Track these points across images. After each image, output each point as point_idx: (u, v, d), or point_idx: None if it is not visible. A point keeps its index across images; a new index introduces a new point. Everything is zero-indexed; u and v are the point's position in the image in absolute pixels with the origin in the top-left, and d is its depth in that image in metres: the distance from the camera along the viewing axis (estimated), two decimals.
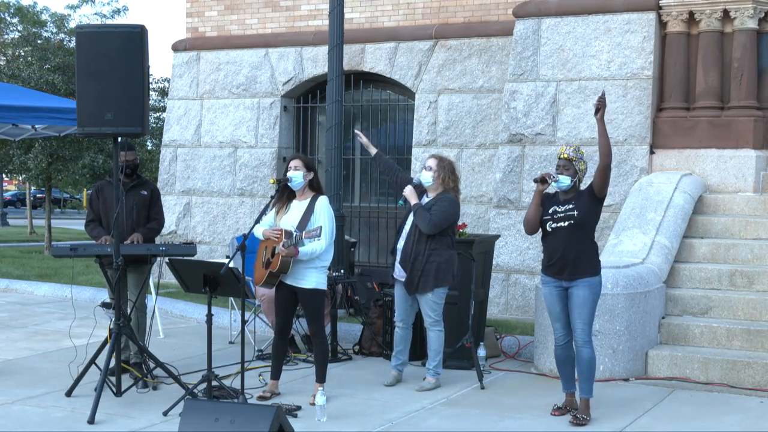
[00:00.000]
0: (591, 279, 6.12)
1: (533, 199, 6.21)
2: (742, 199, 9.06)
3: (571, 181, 6.11)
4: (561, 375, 6.39)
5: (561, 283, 6.16)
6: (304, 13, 12.29)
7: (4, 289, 12.43)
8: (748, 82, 9.46)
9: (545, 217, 6.17)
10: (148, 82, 6.45)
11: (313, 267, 6.43)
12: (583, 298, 6.09)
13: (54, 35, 19.16)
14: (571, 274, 6.09)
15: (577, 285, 6.10)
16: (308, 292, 6.45)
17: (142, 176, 7.45)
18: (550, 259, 6.18)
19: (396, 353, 7.20)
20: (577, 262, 6.08)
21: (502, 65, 10.81)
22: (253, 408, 4.73)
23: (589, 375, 6.16)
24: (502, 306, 9.99)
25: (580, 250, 6.09)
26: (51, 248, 7.96)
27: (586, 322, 6.12)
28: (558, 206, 6.15)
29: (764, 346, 7.33)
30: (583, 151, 6.27)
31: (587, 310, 6.11)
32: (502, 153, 10.21)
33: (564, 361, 6.31)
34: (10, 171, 20.95)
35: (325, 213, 6.43)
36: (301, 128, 12.58)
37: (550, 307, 6.27)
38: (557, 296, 6.20)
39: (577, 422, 6.05)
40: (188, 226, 12.79)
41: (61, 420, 6.05)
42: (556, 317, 6.25)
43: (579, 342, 6.13)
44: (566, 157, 6.12)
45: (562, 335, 6.25)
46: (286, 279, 6.43)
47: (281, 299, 6.55)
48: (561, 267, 6.11)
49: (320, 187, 6.64)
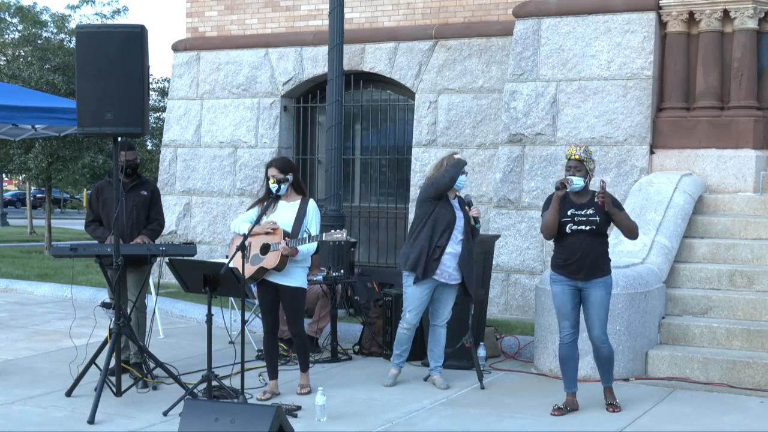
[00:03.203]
0: (606, 278, 6.29)
1: (552, 205, 6.26)
2: (742, 199, 9.06)
3: (584, 181, 6.22)
4: (564, 374, 6.40)
5: (576, 283, 6.26)
6: (304, 13, 12.29)
7: (4, 289, 12.43)
8: (748, 82, 9.46)
9: (564, 219, 6.24)
10: (148, 82, 6.45)
11: (301, 266, 6.56)
12: (600, 298, 6.24)
13: (54, 35, 19.16)
14: (588, 275, 6.22)
15: (594, 285, 6.23)
16: (292, 290, 6.52)
17: (143, 176, 7.44)
18: (567, 260, 6.25)
19: (401, 352, 7.17)
20: (594, 264, 6.22)
21: (502, 65, 10.81)
22: (253, 408, 4.73)
23: (609, 368, 6.43)
24: (502, 306, 9.99)
25: (599, 253, 6.25)
26: (51, 248, 7.96)
27: (604, 321, 6.29)
28: (576, 209, 6.23)
29: (764, 346, 7.33)
30: (592, 150, 6.38)
31: (604, 310, 6.29)
32: (502, 153, 10.21)
33: (568, 360, 6.34)
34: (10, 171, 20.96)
35: (316, 216, 6.60)
36: (301, 128, 12.58)
37: (561, 305, 6.32)
38: (570, 295, 6.28)
39: (614, 409, 6.32)
40: (188, 226, 12.79)
41: (61, 420, 6.05)
42: (566, 316, 6.31)
43: (597, 342, 6.31)
44: (577, 158, 6.21)
45: (569, 333, 6.31)
46: (270, 276, 6.46)
47: (266, 297, 6.61)
48: (578, 268, 6.22)
49: (302, 186, 6.74)
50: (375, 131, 12.18)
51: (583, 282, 6.23)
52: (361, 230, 11.90)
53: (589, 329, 6.29)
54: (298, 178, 6.72)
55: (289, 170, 6.62)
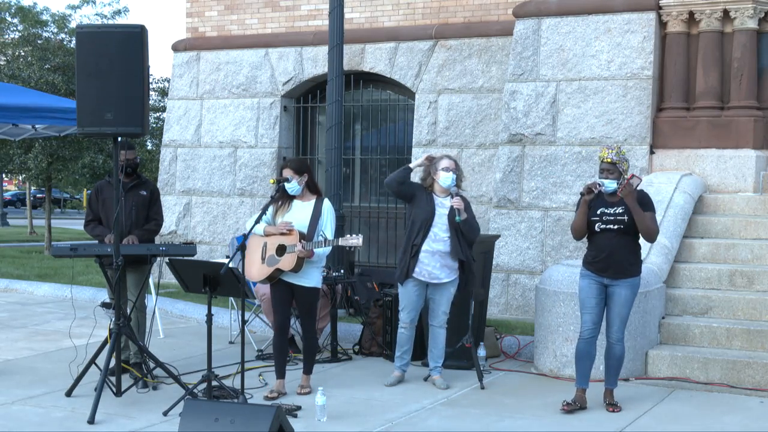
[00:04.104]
0: (633, 279, 6.32)
1: (580, 208, 6.34)
2: (742, 199, 9.06)
3: (618, 183, 6.22)
4: (577, 369, 6.43)
5: (602, 279, 6.31)
6: (304, 13, 12.29)
7: (4, 289, 12.43)
8: (748, 82, 9.46)
9: (593, 218, 6.29)
10: (148, 82, 6.45)
11: (316, 266, 6.59)
12: (624, 297, 6.29)
13: (54, 35, 19.16)
14: (615, 273, 6.27)
15: (620, 284, 6.29)
16: (308, 290, 6.54)
17: (142, 176, 7.44)
18: (595, 257, 6.32)
19: (402, 353, 7.17)
20: (621, 264, 6.26)
21: (502, 65, 10.81)
22: (253, 408, 4.73)
23: (617, 369, 6.49)
24: (502, 306, 9.99)
25: (627, 253, 6.28)
26: (51, 248, 7.96)
27: (624, 321, 6.35)
28: (606, 208, 6.28)
29: (764, 346, 7.32)
30: (624, 151, 6.42)
31: (627, 310, 6.34)
32: (502, 153, 10.21)
33: (584, 355, 6.38)
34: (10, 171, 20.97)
35: (331, 216, 6.61)
36: (301, 128, 12.58)
37: (585, 299, 6.37)
38: (596, 290, 6.33)
39: (614, 409, 6.35)
40: (188, 226, 12.79)
41: (61, 420, 6.05)
42: (589, 310, 6.35)
43: (613, 339, 6.37)
44: (609, 161, 6.24)
45: (589, 329, 6.35)
46: (285, 276, 6.48)
47: (279, 297, 6.60)
48: (605, 266, 6.27)
49: (317, 186, 6.74)
50: (375, 131, 12.18)
51: (610, 280, 6.29)
52: (361, 230, 11.89)
53: (608, 326, 6.36)
54: (314, 177, 6.74)
55: (304, 170, 6.63)
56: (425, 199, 6.96)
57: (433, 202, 6.95)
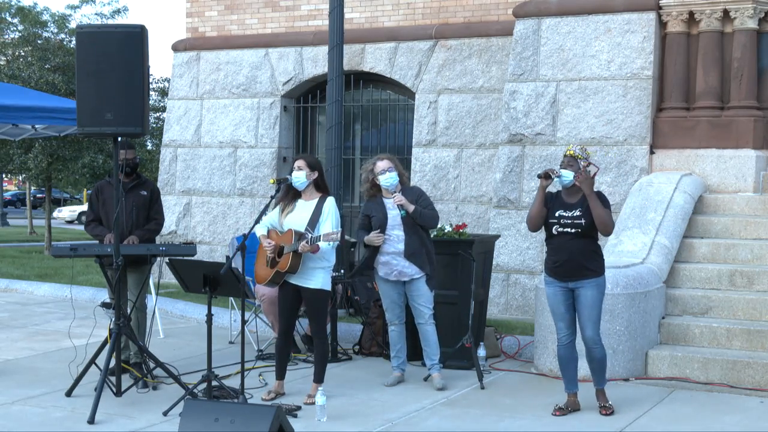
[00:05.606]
0: (597, 279, 6.23)
1: (537, 195, 6.27)
2: (742, 199, 9.06)
3: (574, 176, 6.15)
4: (564, 375, 6.40)
5: (567, 284, 6.25)
6: (304, 13, 12.29)
7: (4, 289, 12.43)
8: (748, 82, 9.45)
9: (551, 221, 6.24)
10: (148, 82, 6.45)
11: (321, 267, 6.47)
12: (591, 298, 6.20)
13: (54, 35, 19.16)
14: (577, 276, 6.20)
15: (584, 286, 6.20)
16: (314, 292, 6.46)
17: (142, 176, 7.44)
18: (555, 262, 6.26)
19: (396, 352, 7.20)
20: (582, 266, 6.18)
21: (502, 65, 10.81)
22: (253, 408, 4.73)
23: (602, 370, 6.37)
24: (502, 306, 9.99)
25: (585, 255, 6.20)
26: (51, 248, 7.96)
27: (596, 323, 6.23)
28: (564, 210, 6.22)
29: (764, 346, 7.32)
30: (590, 153, 6.34)
31: (596, 311, 6.22)
32: (502, 153, 10.21)
33: (567, 361, 6.33)
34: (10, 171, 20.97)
35: (333, 214, 6.50)
36: (301, 128, 12.58)
37: (554, 307, 6.32)
38: (562, 296, 6.27)
39: (607, 412, 6.26)
40: (188, 226, 12.79)
41: (61, 420, 6.05)
42: (560, 317, 6.30)
43: (590, 343, 6.25)
44: (571, 153, 6.22)
45: (565, 335, 6.30)
46: (291, 278, 6.44)
47: (285, 299, 6.54)
48: (566, 270, 6.20)
49: (326, 186, 6.67)
50: (375, 131, 12.18)
51: (574, 283, 6.22)
52: None
53: (582, 330, 6.26)
54: (323, 176, 6.68)
55: (316, 168, 6.59)
56: (376, 207, 7.05)
57: (384, 207, 7.03)
